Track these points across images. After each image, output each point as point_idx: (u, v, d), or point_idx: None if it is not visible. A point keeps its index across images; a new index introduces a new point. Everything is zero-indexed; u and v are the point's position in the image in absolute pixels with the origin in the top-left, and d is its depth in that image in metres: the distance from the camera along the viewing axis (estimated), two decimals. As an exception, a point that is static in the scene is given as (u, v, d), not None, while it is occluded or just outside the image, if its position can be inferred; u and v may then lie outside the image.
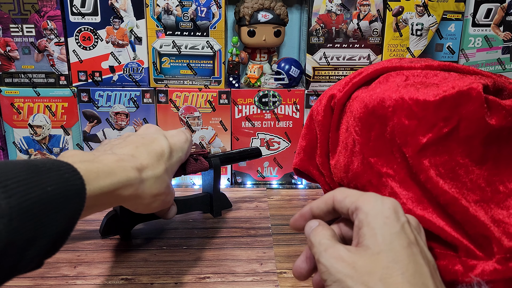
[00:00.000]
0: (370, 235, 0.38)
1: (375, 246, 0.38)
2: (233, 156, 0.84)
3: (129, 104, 0.94)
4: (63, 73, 0.93)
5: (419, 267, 0.38)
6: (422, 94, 0.55)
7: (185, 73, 0.94)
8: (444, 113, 0.53)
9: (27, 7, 0.88)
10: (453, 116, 0.53)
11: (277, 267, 0.67)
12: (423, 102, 0.54)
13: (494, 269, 0.50)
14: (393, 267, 0.37)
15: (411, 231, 0.40)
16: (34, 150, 0.96)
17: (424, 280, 0.38)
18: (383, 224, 0.39)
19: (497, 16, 0.93)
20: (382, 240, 0.38)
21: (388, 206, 0.40)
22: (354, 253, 0.38)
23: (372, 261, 0.37)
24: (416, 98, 0.55)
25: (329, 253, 0.39)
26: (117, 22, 0.90)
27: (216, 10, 0.90)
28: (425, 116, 0.54)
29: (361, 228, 0.39)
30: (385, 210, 0.40)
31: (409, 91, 0.57)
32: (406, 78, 0.61)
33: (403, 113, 0.56)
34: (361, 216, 0.40)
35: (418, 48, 0.94)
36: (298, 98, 0.95)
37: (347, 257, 0.38)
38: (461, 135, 0.53)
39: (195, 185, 0.99)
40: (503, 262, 0.50)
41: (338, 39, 0.93)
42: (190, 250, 0.71)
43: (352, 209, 0.42)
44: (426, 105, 0.54)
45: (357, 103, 0.61)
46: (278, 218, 0.82)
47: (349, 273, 0.37)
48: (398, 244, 0.38)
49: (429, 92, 0.55)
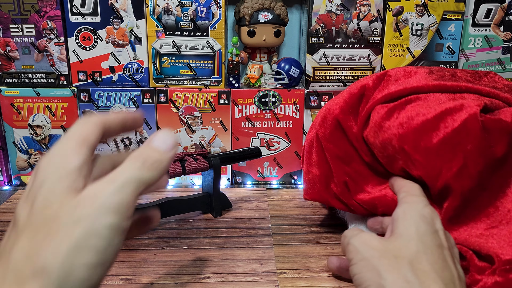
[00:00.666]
0: (404, 226, 0.39)
1: (407, 235, 0.38)
2: (233, 156, 0.84)
3: (129, 104, 0.94)
4: (63, 73, 0.93)
5: (448, 266, 0.38)
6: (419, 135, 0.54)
7: (185, 73, 0.94)
8: (449, 154, 0.52)
9: (27, 7, 0.88)
10: (458, 154, 0.52)
11: (277, 267, 0.67)
12: (425, 149, 0.53)
13: (495, 281, 0.50)
14: (421, 256, 0.37)
15: (445, 239, 0.42)
16: (34, 150, 0.96)
17: (452, 278, 0.37)
18: (418, 220, 0.40)
19: (497, 16, 0.93)
20: (416, 231, 0.38)
21: (428, 211, 0.42)
22: (385, 242, 0.39)
23: (402, 247, 0.38)
24: (416, 145, 0.54)
25: (362, 238, 0.40)
26: (117, 22, 0.90)
27: (216, 10, 0.90)
28: (428, 163, 0.54)
29: (397, 219, 0.40)
30: (424, 212, 0.41)
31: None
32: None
33: (410, 162, 0.55)
34: (399, 210, 0.41)
35: (418, 48, 0.94)
36: (298, 98, 0.95)
37: (377, 245, 0.39)
38: (471, 171, 0.52)
39: (195, 185, 0.99)
40: (503, 274, 0.50)
41: (338, 39, 0.93)
42: (190, 250, 0.71)
43: (400, 198, 0.44)
44: (428, 152, 0.53)
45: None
46: (278, 218, 0.82)
47: (376, 254, 0.38)
48: (430, 240, 0.39)
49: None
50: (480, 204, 0.54)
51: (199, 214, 0.83)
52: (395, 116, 0.58)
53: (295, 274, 0.65)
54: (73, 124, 0.34)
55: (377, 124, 0.59)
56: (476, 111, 0.52)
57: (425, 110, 0.55)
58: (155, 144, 0.33)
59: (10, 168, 0.98)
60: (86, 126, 0.34)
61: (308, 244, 0.73)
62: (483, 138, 0.51)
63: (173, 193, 0.93)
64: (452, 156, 0.52)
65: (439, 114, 0.54)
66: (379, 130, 0.59)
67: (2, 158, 0.97)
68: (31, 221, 0.30)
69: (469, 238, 0.53)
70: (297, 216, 0.83)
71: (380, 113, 0.60)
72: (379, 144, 0.59)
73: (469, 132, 0.51)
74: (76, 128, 0.34)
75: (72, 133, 0.33)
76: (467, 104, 0.53)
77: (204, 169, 0.79)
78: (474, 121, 0.51)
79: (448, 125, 0.52)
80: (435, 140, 0.53)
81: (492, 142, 0.52)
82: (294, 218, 0.82)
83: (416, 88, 0.60)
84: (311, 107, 0.95)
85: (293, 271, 0.66)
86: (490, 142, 0.52)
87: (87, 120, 0.34)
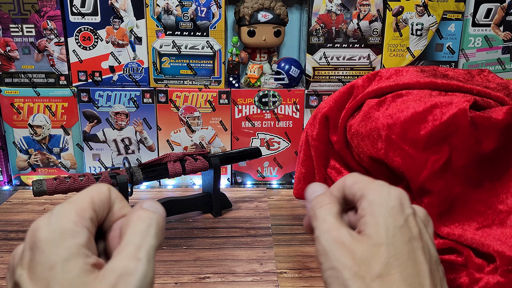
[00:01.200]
0: (372, 224, 0.37)
1: (377, 237, 0.36)
2: (233, 156, 0.84)
3: (129, 104, 0.94)
4: (63, 73, 0.93)
5: (418, 265, 0.38)
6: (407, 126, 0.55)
7: (185, 73, 0.94)
8: (435, 147, 0.53)
9: (27, 7, 0.88)
10: (444, 147, 0.53)
11: (277, 267, 0.67)
12: (412, 140, 0.54)
13: (497, 281, 0.50)
14: (392, 264, 0.35)
15: (415, 224, 0.39)
16: (34, 150, 0.96)
17: (421, 279, 0.37)
18: (387, 215, 0.37)
19: (497, 16, 0.93)
20: (385, 232, 0.36)
21: (394, 196, 0.38)
22: (356, 240, 0.37)
23: (372, 253, 0.36)
24: (404, 135, 0.54)
25: (331, 235, 0.37)
26: (117, 22, 0.90)
27: (216, 10, 0.90)
28: (414, 155, 0.54)
29: (364, 216, 0.38)
30: (390, 200, 0.38)
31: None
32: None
33: (395, 153, 0.56)
34: (364, 204, 0.38)
35: (418, 48, 0.94)
36: (298, 98, 0.95)
37: (349, 243, 0.36)
38: (455, 165, 0.53)
39: (195, 185, 0.99)
40: (505, 274, 0.50)
41: (338, 39, 0.93)
42: (190, 250, 0.71)
43: (358, 196, 0.39)
44: (415, 143, 0.54)
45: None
46: (278, 218, 0.82)
47: (347, 263, 0.36)
48: (400, 238, 0.36)
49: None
50: (470, 202, 0.54)
51: (199, 214, 0.83)
52: (385, 107, 0.59)
53: (295, 274, 0.65)
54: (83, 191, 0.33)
55: (366, 113, 0.60)
56: (466, 106, 0.52)
57: (415, 104, 0.56)
58: (146, 206, 0.33)
59: (10, 168, 0.98)
60: (85, 196, 0.33)
61: (308, 244, 0.73)
62: (471, 133, 0.51)
63: (173, 193, 0.93)
64: (438, 149, 0.52)
65: (428, 107, 0.54)
66: (367, 119, 0.59)
67: (2, 158, 0.97)
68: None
69: (464, 233, 0.53)
70: (297, 216, 0.83)
71: (369, 104, 0.60)
72: (365, 133, 0.59)
73: (457, 126, 0.52)
74: (78, 198, 0.33)
75: (73, 203, 0.32)
76: (457, 100, 0.54)
77: (204, 169, 0.79)
78: (463, 116, 0.52)
79: (436, 118, 0.53)
80: (422, 132, 0.53)
81: (480, 137, 0.52)
82: (294, 218, 0.82)
83: (408, 85, 0.60)
84: (311, 107, 0.95)
85: (293, 271, 0.66)
86: (478, 138, 0.52)
87: (95, 188, 0.33)
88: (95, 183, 0.39)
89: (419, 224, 0.39)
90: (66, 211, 0.31)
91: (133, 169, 0.76)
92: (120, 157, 0.97)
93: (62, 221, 0.31)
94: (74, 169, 0.98)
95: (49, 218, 0.31)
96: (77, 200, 0.32)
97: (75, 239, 0.30)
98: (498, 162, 0.54)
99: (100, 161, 0.98)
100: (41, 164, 0.97)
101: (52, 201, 0.89)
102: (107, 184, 0.34)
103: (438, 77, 0.61)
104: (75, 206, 0.32)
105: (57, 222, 0.31)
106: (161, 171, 0.77)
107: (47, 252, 0.29)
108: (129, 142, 0.97)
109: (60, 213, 0.31)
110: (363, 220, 0.38)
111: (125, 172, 0.75)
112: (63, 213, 0.31)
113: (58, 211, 0.31)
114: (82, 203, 0.32)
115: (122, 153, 0.97)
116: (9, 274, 0.31)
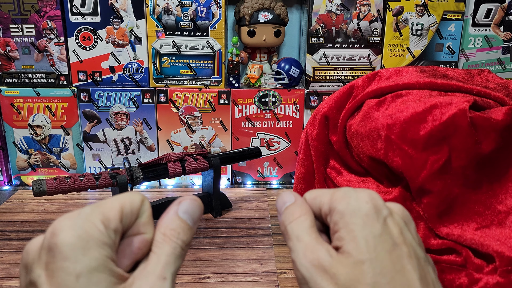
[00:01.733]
0: (349, 239, 0.33)
1: (358, 253, 0.32)
2: (233, 156, 0.84)
3: (129, 104, 0.94)
4: (63, 73, 0.93)
5: (407, 275, 0.34)
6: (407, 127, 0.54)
7: (185, 73, 0.94)
8: (434, 148, 0.53)
9: (27, 7, 0.88)
10: (443, 147, 0.53)
11: (277, 267, 0.67)
12: (411, 140, 0.54)
13: (496, 282, 0.50)
14: (380, 283, 0.32)
15: (394, 225, 0.34)
16: (34, 150, 0.96)
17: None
18: (362, 225, 0.33)
19: (497, 16, 0.93)
20: (365, 245, 0.33)
21: (364, 200, 0.34)
22: (336, 261, 0.33)
23: (356, 274, 0.32)
24: (404, 135, 0.54)
25: (308, 259, 0.33)
26: (117, 22, 0.90)
27: (216, 10, 0.90)
28: (414, 155, 0.54)
29: (338, 231, 0.34)
30: (362, 206, 0.34)
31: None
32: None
33: (395, 153, 0.55)
34: (336, 217, 0.34)
35: (418, 48, 0.94)
36: (298, 98, 0.95)
37: (329, 266, 0.32)
38: (454, 166, 0.53)
39: (195, 185, 0.99)
40: (505, 274, 0.50)
41: (338, 39, 0.93)
42: (190, 250, 0.71)
43: (325, 210, 0.35)
44: (415, 143, 0.54)
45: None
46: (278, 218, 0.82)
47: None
48: (382, 249, 0.33)
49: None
50: (469, 202, 0.54)
51: (199, 214, 0.83)
52: (384, 107, 0.59)
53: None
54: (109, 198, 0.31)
55: (366, 113, 0.60)
56: (465, 107, 0.52)
57: (415, 104, 0.56)
58: (183, 216, 0.31)
59: (10, 168, 0.98)
60: (113, 204, 0.30)
61: (308, 244, 0.73)
62: (470, 134, 0.51)
63: (173, 193, 0.93)
64: (438, 150, 0.52)
65: (428, 107, 0.54)
66: (367, 119, 0.59)
67: (2, 158, 0.97)
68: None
69: (463, 234, 0.53)
70: (297, 216, 0.83)
71: (369, 104, 0.60)
72: (365, 133, 0.59)
73: (456, 127, 0.52)
74: (107, 203, 0.30)
75: (101, 208, 0.30)
76: (456, 100, 0.54)
77: (204, 169, 0.79)
78: (462, 116, 0.52)
79: (436, 118, 0.53)
80: (422, 132, 0.53)
81: (480, 138, 0.52)
82: (294, 218, 0.82)
83: (408, 85, 0.60)
84: (311, 107, 0.95)
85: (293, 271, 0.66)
86: (477, 138, 0.52)
87: (129, 196, 0.31)
88: (114, 188, 0.36)
89: (399, 224, 0.35)
90: (93, 216, 0.29)
91: (133, 169, 0.76)
92: (120, 157, 0.97)
93: (88, 227, 0.29)
94: (74, 169, 0.98)
95: (74, 220, 0.28)
96: (106, 206, 0.30)
97: (102, 249, 0.28)
98: (497, 162, 0.54)
99: (100, 161, 0.98)
100: (41, 164, 0.97)
101: (52, 201, 0.89)
102: (142, 194, 0.31)
103: (438, 77, 0.61)
104: (103, 215, 0.29)
105: (83, 227, 0.28)
106: (161, 171, 0.77)
107: (72, 258, 0.28)
108: (129, 142, 0.97)
109: (88, 217, 0.29)
110: (338, 236, 0.34)
111: (125, 172, 0.75)
112: (90, 218, 0.29)
113: (86, 214, 0.29)
114: (110, 212, 0.30)
115: (122, 153, 0.97)
116: (23, 270, 0.29)
